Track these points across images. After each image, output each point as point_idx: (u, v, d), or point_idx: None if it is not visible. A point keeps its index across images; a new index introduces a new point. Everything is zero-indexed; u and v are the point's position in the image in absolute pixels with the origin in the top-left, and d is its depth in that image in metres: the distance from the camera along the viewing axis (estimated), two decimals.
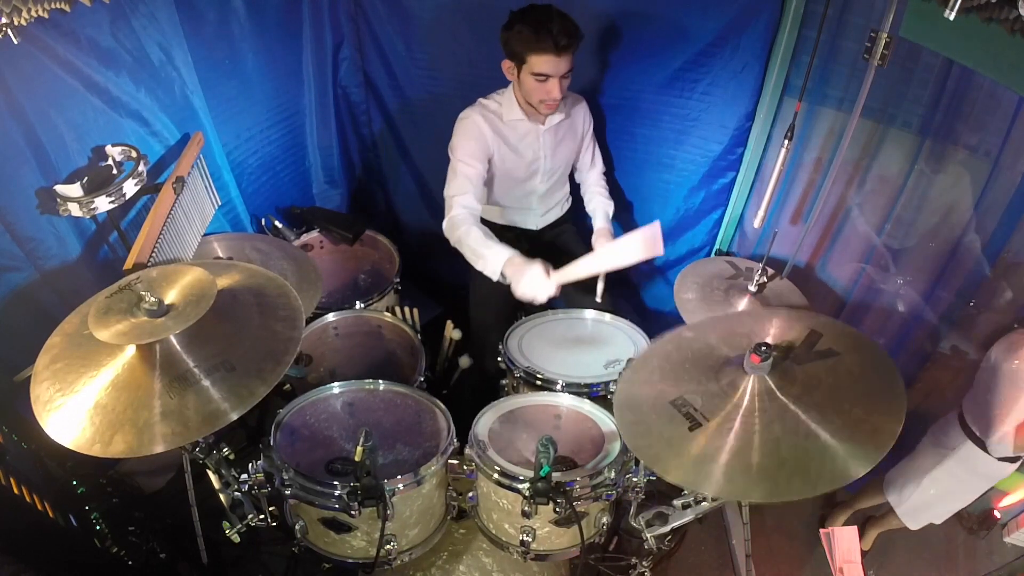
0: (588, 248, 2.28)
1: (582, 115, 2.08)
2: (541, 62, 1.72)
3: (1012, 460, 1.62)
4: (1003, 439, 1.54)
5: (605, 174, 2.25)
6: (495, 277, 1.75)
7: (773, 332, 1.33)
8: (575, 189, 2.30)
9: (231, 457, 1.36)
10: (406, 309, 1.99)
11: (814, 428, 1.09)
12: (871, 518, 2.16)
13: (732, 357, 1.26)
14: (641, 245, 1.64)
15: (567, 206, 2.29)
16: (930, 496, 1.80)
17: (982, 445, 1.61)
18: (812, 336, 1.16)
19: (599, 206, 2.16)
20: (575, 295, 2.14)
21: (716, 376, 1.22)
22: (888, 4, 1.40)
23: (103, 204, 1.50)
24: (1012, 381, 1.51)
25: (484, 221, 2.15)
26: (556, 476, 1.28)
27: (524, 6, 1.76)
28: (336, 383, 1.55)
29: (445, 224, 1.91)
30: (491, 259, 1.75)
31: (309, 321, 1.84)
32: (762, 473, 1.06)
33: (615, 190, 2.42)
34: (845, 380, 1.18)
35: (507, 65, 1.84)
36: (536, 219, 2.20)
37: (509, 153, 1.98)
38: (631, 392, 1.27)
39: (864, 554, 2.18)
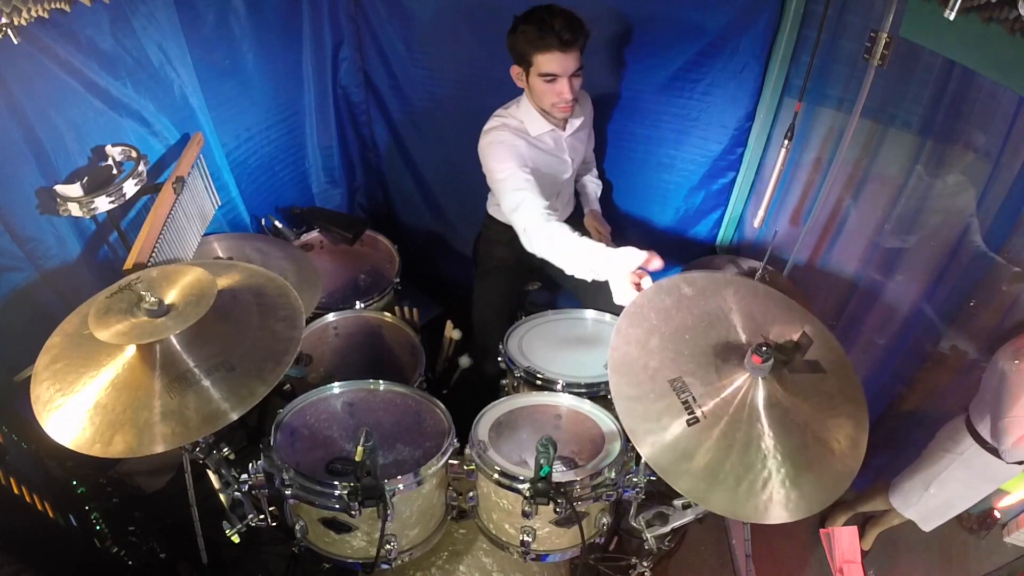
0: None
1: (590, 109, 2.06)
2: (547, 61, 1.68)
3: (1021, 462, 1.62)
4: (1018, 444, 1.53)
5: (605, 175, 2.27)
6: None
7: (772, 316, 1.30)
8: None
9: (231, 457, 1.36)
10: (406, 309, 1.99)
11: (787, 453, 1.10)
12: (871, 518, 2.16)
13: (732, 342, 1.24)
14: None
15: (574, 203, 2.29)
16: (938, 500, 1.80)
17: (993, 450, 1.61)
18: (804, 339, 1.15)
19: (589, 184, 2.19)
20: (585, 292, 2.13)
21: (715, 364, 1.20)
22: (888, 4, 1.40)
23: (103, 204, 1.50)
24: (1015, 386, 1.49)
25: (499, 222, 2.12)
26: (556, 476, 1.28)
27: (527, 9, 1.72)
28: (336, 383, 1.55)
29: (524, 242, 1.68)
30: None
31: (309, 321, 1.84)
32: (742, 484, 1.07)
33: (615, 190, 2.42)
34: (827, 403, 1.18)
35: (516, 71, 1.79)
36: (559, 218, 2.18)
37: (541, 167, 1.91)
38: (627, 352, 1.22)
39: (864, 554, 2.18)
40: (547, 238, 1.58)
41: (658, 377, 1.18)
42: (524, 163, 1.77)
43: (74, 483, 1.61)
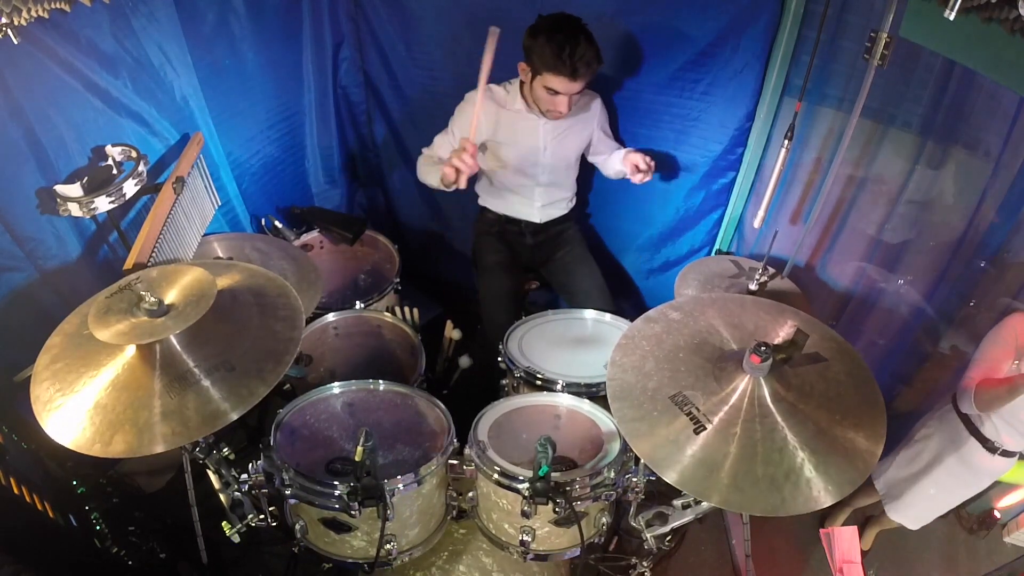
0: (590, 245, 2.30)
1: (595, 110, 2.10)
2: (555, 81, 1.78)
3: (992, 449, 1.63)
4: (967, 387, 1.56)
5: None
6: (438, 183, 1.98)
7: (762, 323, 1.33)
8: (580, 189, 2.31)
9: (231, 457, 1.36)
10: (406, 309, 1.99)
11: (803, 444, 1.10)
12: (871, 517, 2.16)
13: (727, 351, 1.26)
14: None
15: (571, 204, 2.30)
16: (906, 458, 1.81)
17: (969, 425, 1.63)
18: (799, 335, 1.16)
19: (614, 152, 2.17)
20: (571, 295, 2.15)
21: (714, 372, 1.22)
22: (888, 4, 1.40)
23: (103, 204, 1.50)
24: (990, 338, 1.57)
25: (487, 211, 2.25)
26: (555, 476, 1.28)
27: (553, 13, 1.76)
28: (336, 383, 1.55)
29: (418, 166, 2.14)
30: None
31: (309, 321, 1.84)
32: (770, 484, 1.07)
33: (615, 190, 2.42)
34: (834, 389, 1.19)
35: (523, 67, 1.86)
36: (538, 212, 2.21)
37: (506, 140, 2.02)
38: (624, 380, 1.25)
39: (864, 554, 2.18)
40: (420, 165, 2.13)
41: (658, 396, 1.20)
42: (481, 134, 1.99)
43: (74, 483, 1.61)
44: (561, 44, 1.71)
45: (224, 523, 1.42)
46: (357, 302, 1.93)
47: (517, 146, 2.05)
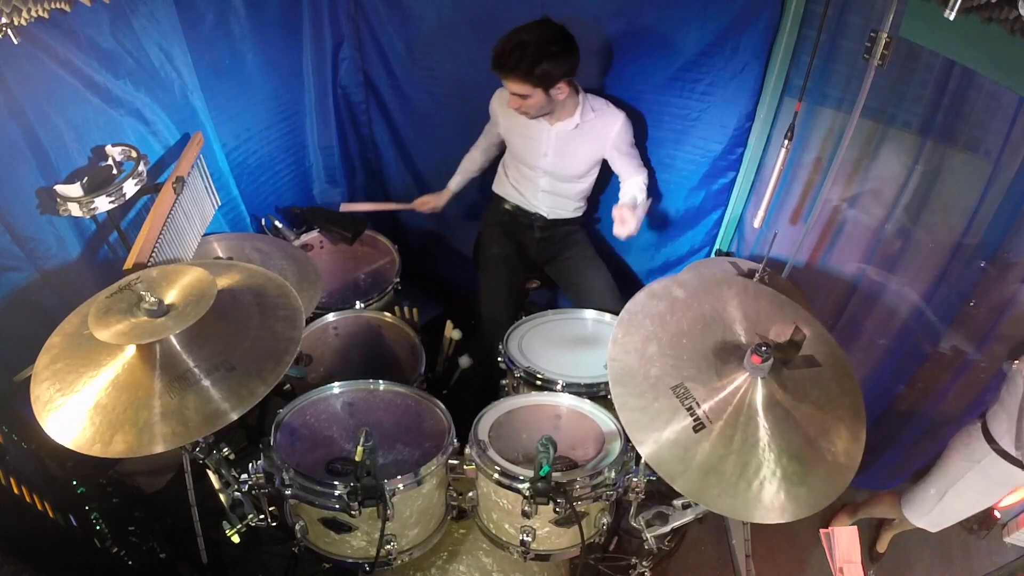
0: (595, 250, 2.30)
1: (613, 129, 2.02)
2: (500, 76, 1.84)
3: None
4: None
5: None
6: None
7: (767, 315, 1.32)
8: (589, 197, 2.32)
9: (231, 457, 1.36)
10: (406, 309, 1.99)
11: (789, 451, 1.11)
12: (885, 521, 2.14)
13: (729, 344, 1.25)
14: None
15: (579, 212, 2.31)
16: (952, 507, 1.79)
17: (1014, 460, 1.58)
18: (797, 335, 1.16)
19: (630, 185, 2.15)
20: (582, 294, 2.15)
21: (715, 366, 1.21)
22: (888, 4, 1.40)
23: (103, 204, 1.50)
24: None
25: (500, 200, 2.30)
26: (556, 476, 1.28)
27: (520, 10, 1.81)
28: (336, 383, 1.55)
29: None
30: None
31: (309, 321, 1.84)
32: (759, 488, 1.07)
33: (615, 189, 2.42)
34: (824, 397, 1.19)
35: None
36: (545, 207, 2.23)
37: (518, 135, 2.07)
38: (626, 363, 1.23)
39: (880, 556, 2.17)
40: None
41: (660, 385, 1.19)
42: (496, 123, 2.12)
43: (74, 483, 1.61)
44: (500, 43, 1.77)
45: (224, 523, 1.42)
46: (357, 302, 1.93)
47: (524, 143, 2.09)
